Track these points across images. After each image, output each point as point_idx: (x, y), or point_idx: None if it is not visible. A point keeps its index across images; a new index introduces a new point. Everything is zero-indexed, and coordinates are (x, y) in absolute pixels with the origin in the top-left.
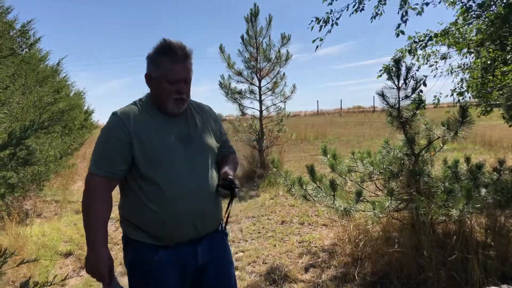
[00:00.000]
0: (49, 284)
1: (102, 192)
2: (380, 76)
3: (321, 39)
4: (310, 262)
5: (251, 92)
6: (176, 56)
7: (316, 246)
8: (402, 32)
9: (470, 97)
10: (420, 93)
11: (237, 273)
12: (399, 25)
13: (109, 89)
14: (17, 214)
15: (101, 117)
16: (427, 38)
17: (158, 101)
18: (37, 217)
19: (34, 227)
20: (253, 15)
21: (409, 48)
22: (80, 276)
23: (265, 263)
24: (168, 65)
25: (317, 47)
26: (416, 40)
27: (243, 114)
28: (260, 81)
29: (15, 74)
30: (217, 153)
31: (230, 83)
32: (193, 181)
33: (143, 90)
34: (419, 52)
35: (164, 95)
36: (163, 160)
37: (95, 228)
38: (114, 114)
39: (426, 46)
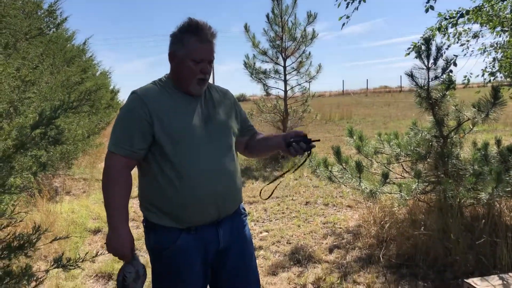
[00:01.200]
0: (81, 260)
1: (122, 171)
2: (408, 54)
3: (348, 17)
4: (334, 243)
5: (276, 72)
6: (204, 36)
7: (340, 227)
8: (432, 8)
9: (501, 77)
10: (450, 74)
11: (261, 252)
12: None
13: (134, 68)
14: (47, 191)
15: (126, 97)
16: (458, 15)
17: (180, 80)
18: (66, 195)
19: (64, 204)
20: None
21: (439, 25)
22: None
23: (289, 243)
24: (195, 44)
25: (343, 24)
26: (447, 17)
27: (268, 94)
28: (285, 60)
29: (44, 54)
30: (238, 134)
31: (254, 63)
32: (215, 161)
33: (167, 69)
34: (450, 30)
35: (188, 74)
36: (184, 139)
37: (116, 207)
38: (133, 93)
39: (456, 23)
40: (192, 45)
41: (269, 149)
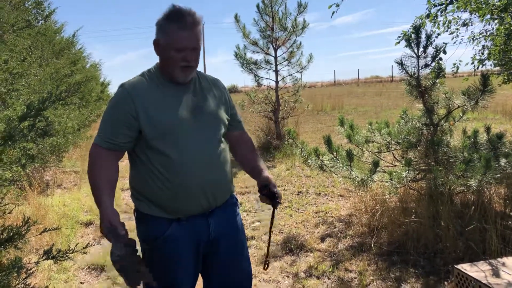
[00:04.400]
0: (71, 251)
1: (105, 158)
2: (398, 43)
3: (337, 5)
4: (326, 232)
5: (267, 62)
6: (184, 23)
7: (332, 216)
8: None
9: (491, 65)
10: (440, 61)
11: (254, 242)
12: None
13: (126, 60)
14: (38, 184)
15: (117, 88)
16: (447, 1)
17: (165, 69)
18: (57, 188)
19: (55, 197)
20: None
21: (428, 12)
22: (100, 244)
23: (282, 232)
24: (176, 32)
25: (333, 13)
26: (437, 3)
27: (259, 85)
28: (276, 51)
29: (32, 46)
30: (227, 125)
31: (245, 53)
32: (204, 151)
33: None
34: (440, 18)
35: (171, 63)
36: (172, 130)
37: (100, 189)
38: (121, 86)
39: (446, 10)
40: (173, 33)
41: (247, 172)
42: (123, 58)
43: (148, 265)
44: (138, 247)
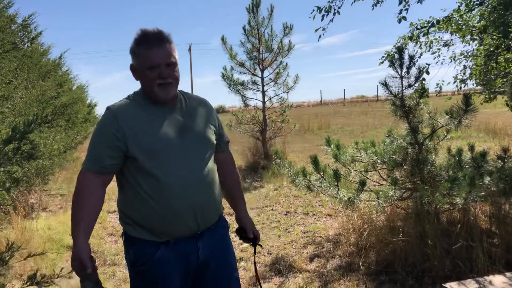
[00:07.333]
0: (56, 276)
1: (92, 186)
2: (382, 62)
3: (324, 29)
4: (314, 252)
5: (254, 83)
6: (151, 43)
7: (320, 236)
8: (404, 18)
9: (473, 84)
10: (423, 82)
11: (242, 264)
12: (400, 11)
13: (113, 81)
14: (22, 208)
15: (103, 110)
16: (429, 24)
17: (146, 91)
18: (42, 211)
19: (40, 221)
20: (255, 6)
21: (411, 35)
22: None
23: (270, 253)
24: (145, 53)
25: (319, 36)
26: (419, 26)
27: (246, 105)
28: (262, 71)
29: (18, 68)
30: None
31: (232, 74)
32: (192, 172)
33: None
34: (422, 39)
35: (148, 83)
36: (161, 152)
37: (77, 220)
38: (108, 108)
39: (428, 32)
40: (143, 54)
41: (225, 198)
42: (110, 79)
43: None
44: (125, 271)
